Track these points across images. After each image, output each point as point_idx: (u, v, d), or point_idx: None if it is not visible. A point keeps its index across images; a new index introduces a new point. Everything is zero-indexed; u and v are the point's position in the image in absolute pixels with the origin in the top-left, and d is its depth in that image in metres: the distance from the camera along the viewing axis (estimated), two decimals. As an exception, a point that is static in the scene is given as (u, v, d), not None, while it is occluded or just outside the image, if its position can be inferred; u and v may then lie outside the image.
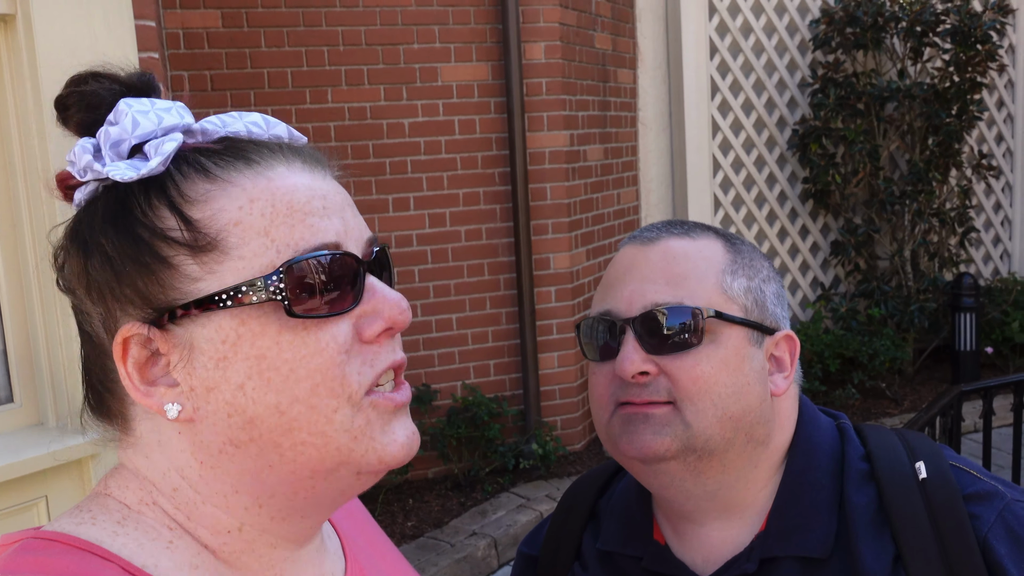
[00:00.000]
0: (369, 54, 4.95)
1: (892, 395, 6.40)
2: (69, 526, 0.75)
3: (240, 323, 0.73)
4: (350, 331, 0.76)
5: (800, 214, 6.93)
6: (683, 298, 1.04)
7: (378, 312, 0.78)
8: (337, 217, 0.78)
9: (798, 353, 1.12)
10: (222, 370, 0.74)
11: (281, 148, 0.79)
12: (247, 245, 0.74)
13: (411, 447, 0.79)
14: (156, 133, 0.75)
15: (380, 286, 0.79)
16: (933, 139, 6.70)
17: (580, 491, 1.29)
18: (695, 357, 1.03)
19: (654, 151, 6.47)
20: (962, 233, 7.04)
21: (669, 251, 1.08)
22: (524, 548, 1.32)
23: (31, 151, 2.64)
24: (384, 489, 5.03)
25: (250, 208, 0.74)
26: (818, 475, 1.08)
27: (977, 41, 6.43)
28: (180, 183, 0.74)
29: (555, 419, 5.49)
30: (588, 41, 5.65)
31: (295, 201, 0.76)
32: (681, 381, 1.02)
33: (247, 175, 0.76)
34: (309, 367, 0.74)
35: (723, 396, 1.03)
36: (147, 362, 0.75)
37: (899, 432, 1.14)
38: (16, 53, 2.60)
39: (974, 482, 1.04)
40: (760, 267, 1.12)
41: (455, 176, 5.18)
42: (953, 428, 3.89)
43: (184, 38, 4.64)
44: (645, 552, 1.14)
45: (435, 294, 5.21)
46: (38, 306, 2.72)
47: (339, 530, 0.94)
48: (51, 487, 2.68)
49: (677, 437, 1.02)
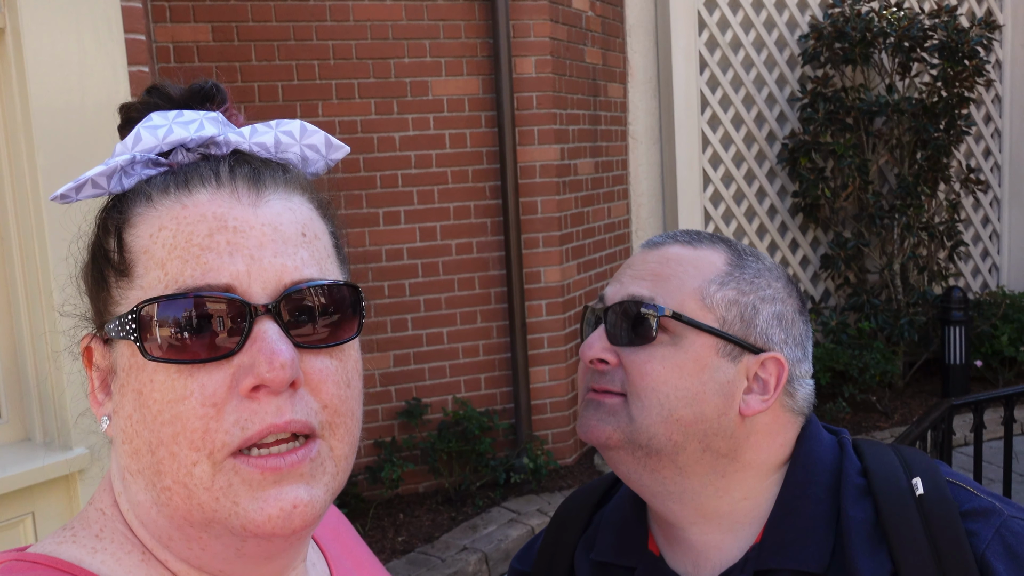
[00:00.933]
0: (360, 68, 4.95)
1: (882, 408, 6.41)
2: (51, 546, 0.76)
3: (131, 354, 0.72)
4: (225, 382, 0.70)
5: (790, 228, 6.95)
6: (656, 296, 1.07)
7: (252, 365, 0.69)
8: (243, 256, 0.71)
9: (785, 379, 1.08)
10: (121, 396, 0.74)
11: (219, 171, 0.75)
12: (148, 275, 0.72)
13: (287, 519, 0.70)
14: (159, 147, 0.75)
15: (267, 335, 0.70)
16: (922, 153, 6.74)
17: (574, 505, 1.28)
18: (649, 353, 1.05)
19: (644, 165, 6.49)
20: (951, 247, 7.07)
21: (666, 255, 1.11)
22: (516, 564, 1.31)
23: (19, 165, 2.62)
24: (374, 504, 5.01)
25: (157, 236, 0.73)
26: (817, 489, 1.07)
27: (964, 56, 6.48)
28: (130, 205, 0.75)
29: (546, 433, 5.48)
30: (578, 55, 5.67)
31: (195, 234, 0.71)
32: (632, 375, 1.06)
33: (168, 200, 0.73)
34: (173, 412, 0.69)
35: (671, 398, 1.04)
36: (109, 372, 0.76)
37: (895, 447, 1.14)
38: (5, 66, 2.59)
39: (971, 498, 1.04)
40: (765, 287, 1.10)
41: (446, 190, 5.18)
42: (944, 442, 3.90)
43: (174, 52, 4.63)
44: (639, 563, 1.14)
45: (426, 308, 5.20)
46: (26, 321, 2.70)
47: (326, 552, 0.93)
48: (38, 504, 2.66)
49: (620, 428, 1.05)
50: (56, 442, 2.72)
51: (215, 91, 0.81)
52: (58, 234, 2.60)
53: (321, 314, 0.73)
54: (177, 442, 0.69)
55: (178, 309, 0.69)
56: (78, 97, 2.64)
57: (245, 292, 0.70)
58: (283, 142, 0.79)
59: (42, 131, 2.58)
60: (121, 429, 0.73)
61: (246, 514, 0.69)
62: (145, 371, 0.71)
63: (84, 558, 0.74)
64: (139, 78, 2.84)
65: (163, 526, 0.74)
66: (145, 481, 0.73)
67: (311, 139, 0.81)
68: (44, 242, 2.61)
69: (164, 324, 0.69)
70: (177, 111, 0.78)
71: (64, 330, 0.84)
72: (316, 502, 0.71)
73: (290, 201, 0.76)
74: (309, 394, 0.72)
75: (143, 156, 0.75)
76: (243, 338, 0.70)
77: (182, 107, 0.79)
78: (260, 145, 0.78)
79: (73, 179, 0.76)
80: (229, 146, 0.77)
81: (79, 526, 0.78)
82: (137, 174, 0.76)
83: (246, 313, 0.70)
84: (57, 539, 0.77)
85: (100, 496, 0.80)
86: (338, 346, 0.75)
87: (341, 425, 0.74)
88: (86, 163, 2.62)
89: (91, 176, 0.75)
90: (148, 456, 0.71)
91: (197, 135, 0.76)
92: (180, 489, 0.70)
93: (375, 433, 5.11)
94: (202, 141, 0.76)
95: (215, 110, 0.81)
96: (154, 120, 0.76)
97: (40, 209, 2.60)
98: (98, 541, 0.76)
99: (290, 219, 0.75)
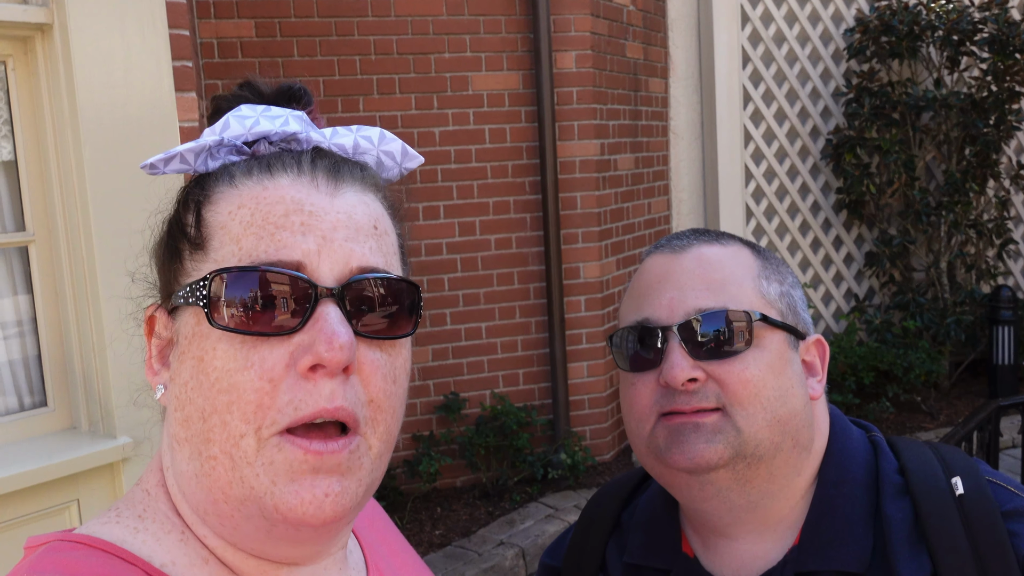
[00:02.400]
0: (400, 63, 4.97)
1: (927, 409, 6.30)
2: (96, 527, 0.78)
3: (197, 322, 0.75)
4: (284, 358, 0.72)
5: (834, 224, 6.85)
6: (726, 303, 1.04)
7: (311, 344, 0.71)
8: (315, 236, 0.74)
9: (828, 358, 1.12)
10: (180, 363, 0.76)
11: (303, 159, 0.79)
12: (222, 249, 0.75)
13: (319, 508, 0.71)
14: (245, 136, 0.79)
15: (328, 316, 0.72)
16: (970, 149, 6.61)
17: (603, 502, 1.27)
18: (744, 361, 1.02)
19: (685, 160, 6.44)
20: (1000, 245, 6.92)
21: (703, 257, 1.08)
22: (547, 559, 1.30)
23: (66, 158, 2.67)
24: (412, 498, 5.03)
25: (236, 214, 0.76)
26: (853, 487, 1.06)
27: (1016, 50, 6.33)
28: (211, 184, 0.79)
29: (584, 429, 5.47)
30: (619, 50, 5.64)
31: (272, 213, 0.75)
32: (731, 386, 1.01)
33: (250, 182, 0.77)
34: (231, 381, 0.71)
35: (771, 399, 1.02)
36: (168, 344, 0.79)
37: (932, 445, 1.12)
38: (53, 62, 2.64)
39: (1012, 498, 1.02)
40: (786, 273, 1.12)
41: (485, 185, 5.19)
42: (991, 443, 3.82)
43: (218, 47, 4.69)
44: (673, 565, 1.12)
45: (465, 303, 5.21)
46: (72, 312, 2.75)
47: (362, 541, 0.94)
48: (83, 491, 2.71)
49: (729, 444, 1.01)
50: (101, 431, 2.77)
51: (302, 93, 0.85)
52: (104, 226, 2.65)
53: (381, 306, 0.76)
54: (230, 411, 0.71)
55: (248, 282, 0.72)
56: (123, 91, 2.68)
57: (314, 271, 0.73)
58: (361, 146, 0.83)
59: (88, 125, 2.62)
60: (175, 396, 0.75)
61: (281, 495, 0.71)
62: (209, 339, 0.73)
63: (127, 538, 0.76)
64: (183, 73, 2.88)
65: (201, 500, 0.75)
66: (191, 449, 0.74)
67: (388, 146, 0.85)
68: (90, 234, 2.66)
69: (232, 294, 0.72)
70: (265, 106, 0.81)
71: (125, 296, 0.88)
72: (347, 494, 0.73)
73: (364, 195, 0.80)
74: (359, 384, 0.74)
75: (230, 141, 0.79)
76: (305, 317, 0.72)
77: (270, 103, 0.83)
78: (339, 146, 0.82)
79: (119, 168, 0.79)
80: (310, 143, 0.81)
81: (124, 507, 0.80)
82: (222, 158, 0.80)
83: (311, 294, 0.72)
84: (102, 520, 0.79)
85: (147, 476, 0.82)
86: (392, 340, 0.77)
87: (382, 422, 0.76)
88: (131, 156, 2.67)
89: (181, 150, 0.78)
90: (199, 423, 0.73)
91: (281, 129, 0.80)
92: (225, 459, 0.72)
93: (413, 427, 5.14)
94: (285, 136, 0.80)
95: (300, 110, 0.85)
96: (243, 111, 0.80)
97: (87, 201, 2.64)
98: (140, 521, 0.78)
99: (364, 211, 0.78)
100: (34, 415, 2.77)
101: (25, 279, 2.79)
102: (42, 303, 2.77)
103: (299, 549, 0.78)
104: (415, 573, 0.97)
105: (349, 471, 0.73)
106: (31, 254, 2.75)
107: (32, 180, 2.72)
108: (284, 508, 0.71)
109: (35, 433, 2.76)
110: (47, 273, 2.77)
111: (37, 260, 2.75)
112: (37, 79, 2.68)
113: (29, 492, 2.57)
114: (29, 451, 2.64)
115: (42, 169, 2.73)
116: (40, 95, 2.68)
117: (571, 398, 5.42)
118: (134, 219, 0.85)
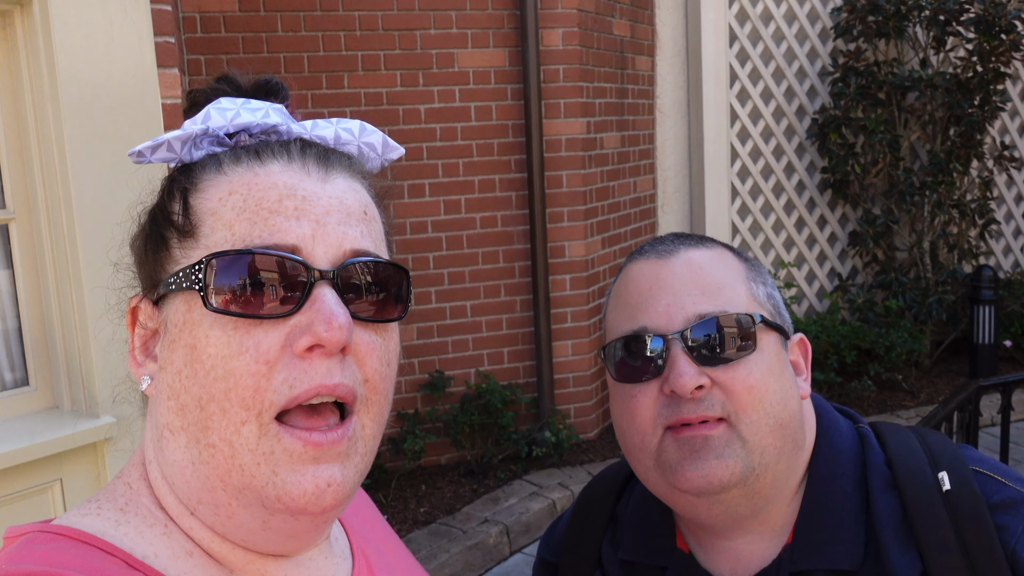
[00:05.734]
0: (386, 39, 4.93)
1: (908, 387, 6.36)
2: (75, 518, 0.77)
3: (188, 309, 0.75)
4: (280, 340, 0.72)
5: (818, 204, 6.87)
6: (724, 306, 1.02)
7: (309, 325, 0.72)
8: (309, 221, 0.75)
9: (810, 356, 1.12)
10: (171, 352, 0.75)
11: (292, 147, 0.79)
12: (214, 235, 0.75)
13: (319, 497, 0.72)
14: (227, 128, 0.79)
15: (326, 299, 0.73)
16: (955, 129, 6.63)
17: (596, 496, 1.25)
18: (747, 366, 1.00)
19: (671, 139, 6.43)
20: (982, 225, 6.97)
21: (693, 262, 1.06)
22: (544, 553, 1.29)
23: (47, 136, 2.64)
24: (397, 475, 5.05)
25: (227, 200, 0.76)
26: (843, 483, 1.06)
27: (1001, 31, 6.34)
28: (198, 172, 0.78)
29: (568, 407, 5.49)
30: (606, 28, 5.61)
31: (265, 199, 0.75)
32: (736, 392, 0.99)
33: (240, 169, 0.77)
34: (227, 368, 0.71)
35: (774, 404, 1.01)
36: (153, 335, 0.79)
37: (918, 433, 1.12)
38: (32, 36, 2.60)
39: (999, 489, 1.02)
40: (766, 275, 1.13)
41: (471, 163, 5.16)
42: (971, 423, 3.86)
43: (201, 22, 4.63)
44: (669, 561, 1.11)
45: (449, 281, 5.20)
46: (54, 290, 2.73)
47: (348, 528, 0.94)
48: (66, 470, 2.70)
49: (739, 458, 0.99)
50: (84, 410, 2.75)
51: (280, 87, 0.86)
52: (85, 203, 2.62)
53: (373, 289, 0.77)
54: (229, 399, 0.71)
55: (244, 265, 0.72)
56: (104, 67, 2.64)
57: (309, 255, 0.74)
58: (343, 138, 0.84)
59: (69, 101, 2.59)
60: (168, 385, 0.75)
61: (283, 485, 0.71)
62: (201, 326, 0.73)
63: (108, 530, 0.75)
64: (165, 49, 2.84)
65: (195, 489, 0.75)
66: (188, 438, 0.74)
67: (369, 138, 0.85)
68: (71, 211, 2.63)
69: (228, 278, 0.72)
70: (245, 99, 0.82)
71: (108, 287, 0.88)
72: (348, 483, 0.74)
73: (353, 183, 0.81)
74: (355, 364, 0.75)
75: (214, 131, 0.79)
76: (302, 300, 0.72)
77: (248, 97, 0.83)
78: (320, 138, 0.82)
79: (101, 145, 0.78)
80: (291, 135, 0.81)
81: (104, 499, 0.79)
82: (205, 148, 0.80)
83: (307, 277, 0.73)
84: (82, 511, 0.78)
85: (129, 470, 0.81)
86: (384, 324, 0.78)
87: (375, 403, 0.77)
88: (112, 133, 2.63)
89: (168, 138, 0.78)
90: (196, 412, 0.73)
91: (263, 121, 0.80)
92: (225, 447, 0.72)
93: (398, 405, 5.14)
94: (266, 128, 0.80)
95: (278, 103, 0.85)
96: (223, 103, 0.80)
97: (68, 180, 2.61)
98: (122, 514, 0.77)
99: (354, 197, 0.79)
100: (16, 394, 2.75)
101: (6, 257, 2.76)
102: (23, 282, 2.74)
103: (291, 541, 0.78)
104: (401, 560, 0.98)
105: (348, 458, 0.74)
106: (11, 232, 2.72)
107: (12, 157, 2.69)
108: (286, 498, 0.72)
109: (17, 413, 2.74)
110: (28, 251, 2.74)
111: (17, 237, 2.72)
112: (16, 54, 2.63)
113: (11, 472, 2.56)
114: (11, 431, 2.62)
115: (22, 146, 2.69)
116: (20, 71, 2.64)
117: (556, 376, 5.43)
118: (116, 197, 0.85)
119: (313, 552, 0.84)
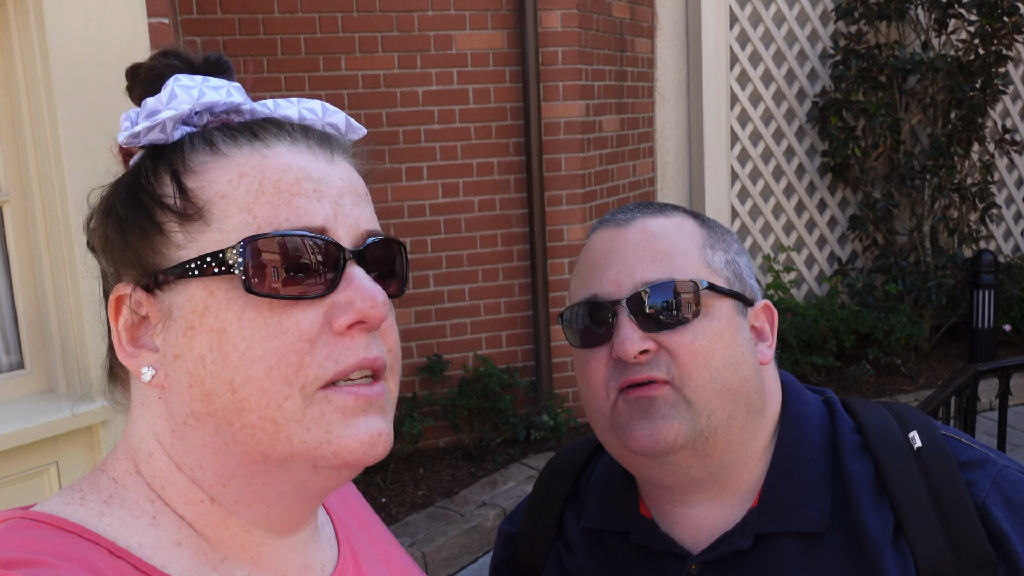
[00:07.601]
0: (383, 21, 4.89)
1: (907, 372, 6.35)
2: (58, 507, 0.76)
3: (209, 294, 0.74)
4: (319, 319, 0.74)
5: (818, 188, 6.85)
6: (672, 273, 1.04)
7: (350, 303, 0.74)
8: (329, 202, 0.76)
9: (776, 323, 1.14)
10: (188, 339, 0.74)
11: (291, 128, 0.79)
12: (229, 218, 0.74)
13: (373, 446, 0.75)
14: (194, 107, 0.77)
15: (361, 277, 0.75)
16: (956, 113, 6.60)
17: (559, 469, 1.28)
18: (693, 331, 1.03)
19: (671, 122, 6.40)
20: (983, 209, 6.94)
21: (647, 230, 1.08)
22: (504, 526, 1.32)
23: (39, 116, 2.62)
24: (395, 458, 5.05)
25: (238, 182, 0.75)
26: (810, 450, 1.08)
27: (1004, 13, 6.30)
28: (187, 153, 0.76)
29: (566, 391, 5.49)
30: (606, 9, 5.57)
31: (284, 181, 0.75)
32: (681, 356, 1.02)
33: (245, 150, 0.76)
34: (266, 348, 0.72)
35: (720, 369, 1.03)
36: (139, 324, 0.77)
37: (886, 404, 1.15)
38: (24, 18, 2.58)
39: (966, 450, 1.06)
40: (731, 241, 1.14)
41: (469, 146, 5.14)
42: (968, 408, 3.86)
43: (196, 3, 4.60)
44: (632, 527, 1.13)
45: (448, 264, 5.19)
46: (48, 273, 2.72)
47: (333, 516, 0.93)
48: (61, 453, 2.70)
49: (684, 420, 1.01)
50: (79, 393, 2.75)
51: (229, 65, 0.84)
52: (79, 184, 2.60)
53: (386, 268, 0.80)
54: (270, 377, 0.72)
55: (284, 247, 0.73)
56: (98, 48, 2.62)
57: (335, 235, 0.76)
58: (307, 118, 0.82)
59: (62, 82, 2.57)
60: (188, 372, 0.74)
61: (339, 440, 0.73)
62: (231, 309, 0.73)
63: (90, 520, 0.75)
64: (159, 30, 2.82)
65: (230, 466, 0.75)
66: (217, 423, 0.74)
67: (332, 118, 0.84)
68: (65, 193, 2.61)
69: (268, 261, 0.72)
70: (203, 76, 0.80)
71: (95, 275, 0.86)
72: (389, 434, 0.77)
73: (349, 164, 0.82)
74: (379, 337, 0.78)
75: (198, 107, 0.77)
76: (335, 280, 0.74)
77: (202, 73, 0.81)
78: (284, 117, 0.81)
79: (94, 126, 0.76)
80: (255, 115, 0.80)
81: (88, 491, 0.78)
82: (180, 129, 0.78)
83: (339, 257, 0.75)
84: (64, 500, 0.77)
85: (113, 464, 0.80)
86: (395, 299, 0.82)
87: (396, 370, 0.81)
88: (105, 114, 2.61)
89: (165, 118, 0.76)
90: (227, 395, 0.72)
91: (227, 100, 0.79)
92: (267, 424, 0.72)
93: (396, 388, 5.14)
94: (230, 107, 0.79)
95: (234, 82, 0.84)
96: (183, 80, 0.78)
97: (61, 160, 2.60)
98: (106, 506, 0.76)
99: (356, 179, 0.81)
100: (11, 377, 2.75)
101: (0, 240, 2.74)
102: (17, 264, 2.73)
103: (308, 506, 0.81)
104: (387, 549, 0.97)
105: (386, 411, 0.77)
106: (5, 214, 2.71)
107: (4, 138, 2.67)
108: (344, 452, 0.74)
109: (12, 396, 2.74)
110: (22, 233, 2.73)
111: (11, 220, 2.71)
112: (8, 35, 2.61)
113: (6, 455, 2.56)
114: (7, 413, 2.62)
115: (15, 127, 2.67)
116: (12, 51, 2.62)
117: (554, 360, 5.43)
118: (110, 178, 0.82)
119: (304, 536, 0.84)
